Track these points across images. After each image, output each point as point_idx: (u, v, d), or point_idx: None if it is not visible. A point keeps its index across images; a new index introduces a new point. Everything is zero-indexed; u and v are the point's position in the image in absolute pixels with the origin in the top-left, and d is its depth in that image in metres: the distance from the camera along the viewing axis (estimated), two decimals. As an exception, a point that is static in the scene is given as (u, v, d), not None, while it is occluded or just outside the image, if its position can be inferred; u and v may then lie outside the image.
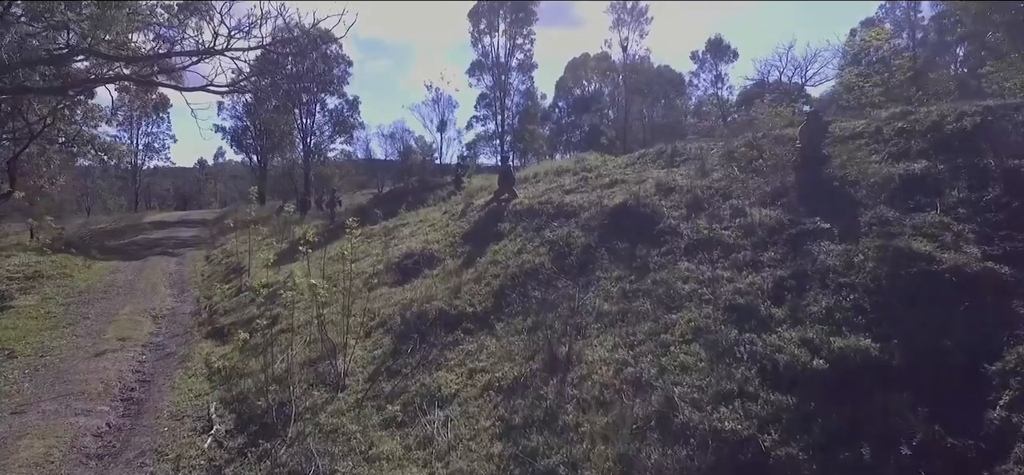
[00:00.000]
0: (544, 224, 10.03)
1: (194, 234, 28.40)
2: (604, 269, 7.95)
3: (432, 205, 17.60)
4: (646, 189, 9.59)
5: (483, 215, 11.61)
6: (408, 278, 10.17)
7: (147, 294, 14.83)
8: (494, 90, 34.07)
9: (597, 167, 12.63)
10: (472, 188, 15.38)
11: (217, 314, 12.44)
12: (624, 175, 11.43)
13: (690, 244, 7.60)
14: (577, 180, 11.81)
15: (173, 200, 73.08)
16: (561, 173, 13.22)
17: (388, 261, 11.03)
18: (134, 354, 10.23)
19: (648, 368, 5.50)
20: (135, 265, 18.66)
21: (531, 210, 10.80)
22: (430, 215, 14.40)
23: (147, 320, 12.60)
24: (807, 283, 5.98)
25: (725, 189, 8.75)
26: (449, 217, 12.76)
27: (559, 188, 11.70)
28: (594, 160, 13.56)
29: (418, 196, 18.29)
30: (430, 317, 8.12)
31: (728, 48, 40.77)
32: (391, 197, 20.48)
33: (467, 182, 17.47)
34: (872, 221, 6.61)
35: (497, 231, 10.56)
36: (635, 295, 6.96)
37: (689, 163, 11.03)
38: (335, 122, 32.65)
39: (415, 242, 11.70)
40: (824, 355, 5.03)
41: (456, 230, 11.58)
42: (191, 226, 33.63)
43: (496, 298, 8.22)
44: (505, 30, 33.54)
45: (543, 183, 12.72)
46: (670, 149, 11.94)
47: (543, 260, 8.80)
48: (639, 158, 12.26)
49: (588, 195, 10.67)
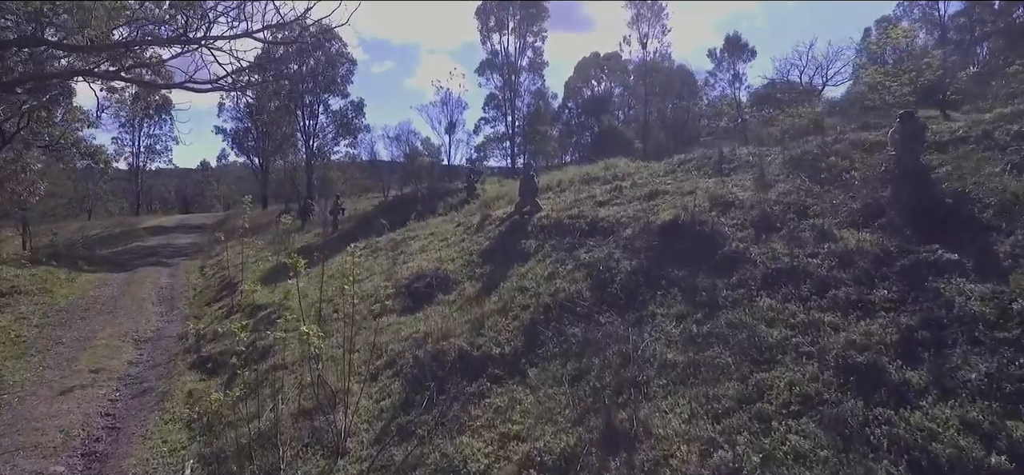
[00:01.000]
0: (577, 243, 8.66)
1: (191, 241, 27.18)
2: (659, 303, 6.58)
3: (443, 214, 16.24)
4: (698, 203, 8.21)
5: (504, 230, 10.26)
6: (420, 304, 8.82)
7: (132, 313, 13.56)
8: (504, 90, 32.73)
9: (630, 174, 11.26)
10: (487, 197, 14.02)
11: (205, 339, 11.14)
12: (664, 185, 10.06)
13: (768, 275, 6.21)
14: (610, 190, 10.43)
15: (175, 202, 72.15)
16: (590, 181, 11.86)
17: (396, 282, 9.69)
18: (106, 391, 8.93)
19: (747, 453, 4.12)
20: (123, 277, 17.41)
21: (560, 225, 9.44)
22: (442, 227, 13.06)
23: (128, 345, 11.32)
24: (947, 336, 4.59)
25: (798, 205, 7.36)
26: (464, 231, 11.41)
27: (590, 199, 10.34)
28: (626, 166, 12.19)
29: (427, 204, 16.95)
30: (448, 359, 6.77)
31: (746, 46, 39.29)
32: (398, 204, 19.15)
33: (481, 189, 16.11)
34: (1016, 252, 5.21)
35: (521, 250, 9.21)
36: (707, 341, 5.58)
37: (742, 172, 9.65)
38: (339, 124, 31.40)
39: (426, 260, 10.36)
40: (1002, 446, 3.65)
41: (473, 247, 10.22)
42: (189, 232, 32.43)
43: (527, 336, 6.87)
44: (515, 27, 32.21)
45: (570, 193, 11.38)
46: (716, 154, 10.54)
47: (580, 288, 7.44)
48: (680, 165, 10.88)
49: (625, 208, 9.30)
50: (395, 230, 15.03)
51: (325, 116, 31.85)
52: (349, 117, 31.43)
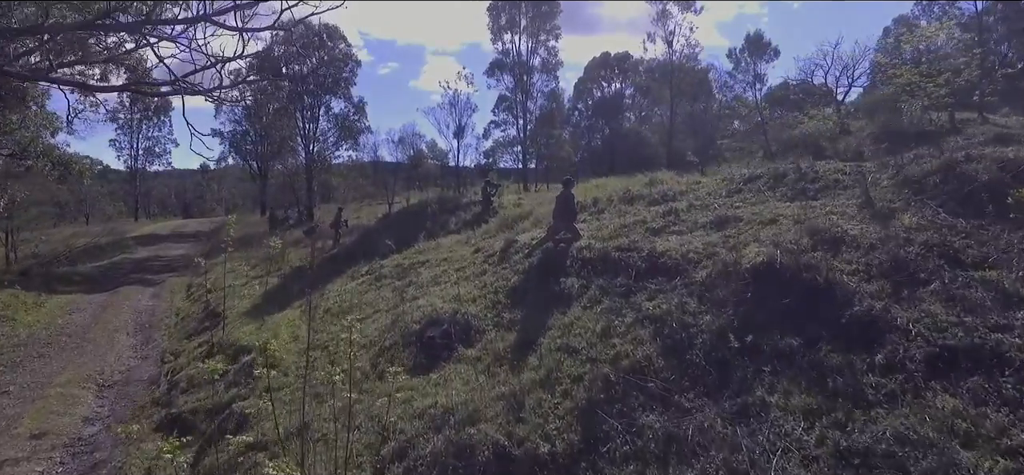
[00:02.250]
0: (634, 286, 6.88)
1: (183, 252, 25.50)
2: (768, 385, 4.79)
3: (456, 233, 14.48)
4: (794, 238, 6.42)
5: (535, 262, 8.49)
6: (435, 360, 7.06)
7: (101, 348, 11.85)
8: (515, 92, 30.95)
9: (682, 193, 9.46)
10: (507, 214, 12.24)
11: (178, 387, 9.41)
12: (732, 208, 8.26)
13: (934, 355, 4.42)
14: (662, 214, 8.63)
15: (176, 206, 70.66)
16: (632, 199, 10.06)
17: (405, 328, 7.93)
18: (45, 468, 7.20)
19: None
20: (101, 300, 15.73)
21: (607, 260, 7.66)
22: (457, 251, 11.31)
23: (88, 394, 9.59)
24: None
25: (943, 246, 5.56)
26: (484, 259, 9.64)
27: (640, 225, 8.55)
28: (673, 182, 10.38)
29: (438, 219, 15.21)
30: (479, 458, 5.01)
31: (768, 45, 37.47)
32: (404, 219, 17.40)
33: (497, 202, 14.34)
34: None
35: (561, 291, 7.43)
36: (869, 463, 3.80)
37: (833, 194, 7.85)
38: (340, 127, 29.71)
39: (441, 297, 8.59)
40: None
41: (498, 282, 8.45)
42: (183, 240, 30.77)
43: (584, 424, 5.10)
44: (527, 26, 30.46)
45: (611, 215, 9.60)
46: (792, 170, 8.73)
47: (648, 353, 5.66)
48: (747, 182, 9.07)
49: (689, 240, 7.52)
50: (402, 251, 13.27)
51: (326, 119, 30.17)
52: (351, 119, 29.73)
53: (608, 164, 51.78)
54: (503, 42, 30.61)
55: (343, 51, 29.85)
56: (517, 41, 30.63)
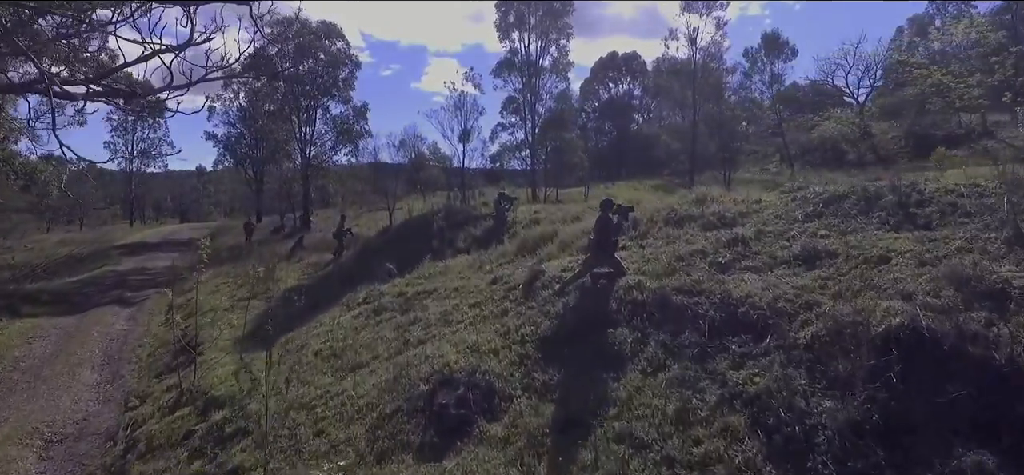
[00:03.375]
0: (709, 345, 5.28)
1: (172, 264, 23.94)
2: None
3: (465, 249, 12.87)
4: (931, 289, 4.81)
5: (570, 303, 6.88)
6: (449, 439, 5.46)
7: (59, 386, 10.27)
8: (524, 93, 29.34)
9: (745, 215, 7.84)
10: (527, 234, 10.63)
11: (136, 448, 7.83)
12: (818, 237, 6.65)
13: None
14: (727, 243, 7.00)
15: (172, 210, 69.15)
16: (681, 220, 8.40)
17: (410, 386, 6.33)
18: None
19: None
20: (70, 324, 14.13)
21: (665, 305, 6.05)
22: (468, 277, 9.71)
23: (29, 453, 8.01)
24: None
25: None
26: (505, 292, 8.03)
27: (699, 256, 6.93)
28: (728, 200, 8.72)
29: (445, 236, 13.60)
30: None
31: (785, 44, 35.92)
32: (408, 233, 15.78)
33: (512, 217, 12.74)
34: None
35: (609, 347, 5.83)
36: None
37: (955, 221, 6.23)
38: (339, 131, 28.11)
39: (453, 344, 6.99)
40: None
41: (523, 326, 6.84)
42: (173, 249, 29.15)
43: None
44: (536, 24, 28.87)
45: (659, 241, 7.96)
46: (890, 188, 7.10)
47: (751, 457, 4.07)
48: (828, 203, 7.40)
49: (773, 281, 5.91)
50: (404, 275, 11.68)
51: (323, 122, 28.57)
52: (350, 122, 28.12)
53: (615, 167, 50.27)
54: (511, 41, 29.09)
55: (341, 51, 28.30)
56: (526, 40, 29.06)
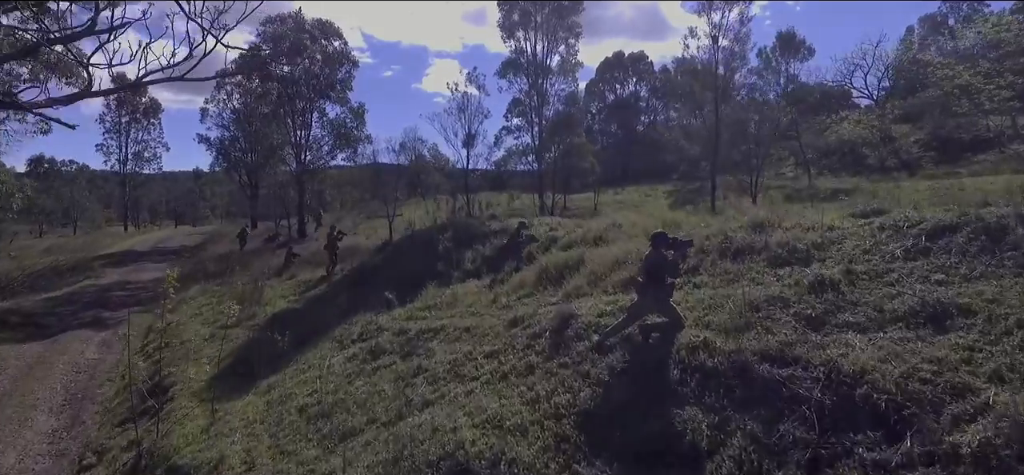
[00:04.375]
0: (823, 448, 3.88)
1: (158, 276, 22.49)
2: None
3: (473, 271, 11.46)
4: None
5: (616, 364, 5.47)
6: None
7: (3, 438, 8.86)
8: (530, 95, 27.88)
9: (819, 246, 6.39)
10: (550, 259, 9.20)
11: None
12: (930, 281, 5.25)
13: None
14: (810, 288, 5.57)
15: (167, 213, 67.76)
16: (740, 252, 6.95)
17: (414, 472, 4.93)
18: None
19: None
20: (33, 353, 12.72)
21: (746, 374, 4.66)
22: (481, 312, 8.31)
23: (-49, 535, 6.62)
24: None
25: None
26: (528, 339, 6.62)
27: (777, 305, 5.51)
28: (797, 226, 7.20)
29: (451, 254, 12.14)
30: None
31: (802, 44, 34.53)
32: (409, 249, 14.33)
33: (529, 248, 11.30)
34: None
35: (675, 433, 4.42)
36: None
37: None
38: (336, 134, 26.69)
39: (467, 413, 5.58)
40: None
41: (556, 391, 5.44)
42: (163, 258, 27.79)
43: None
44: (542, 22, 27.43)
45: (711, 278, 6.55)
46: (1015, 216, 5.68)
47: None
48: (931, 235, 5.94)
49: (894, 346, 4.50)
50: (406, 301, 10.28)
51: (320, 126, 27.14)
52: (348, 126, 26.70)
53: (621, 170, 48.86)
54: (516, 40, 27.64)
55: (338, 50, 26.86)
56: (533, 39, 27.58)
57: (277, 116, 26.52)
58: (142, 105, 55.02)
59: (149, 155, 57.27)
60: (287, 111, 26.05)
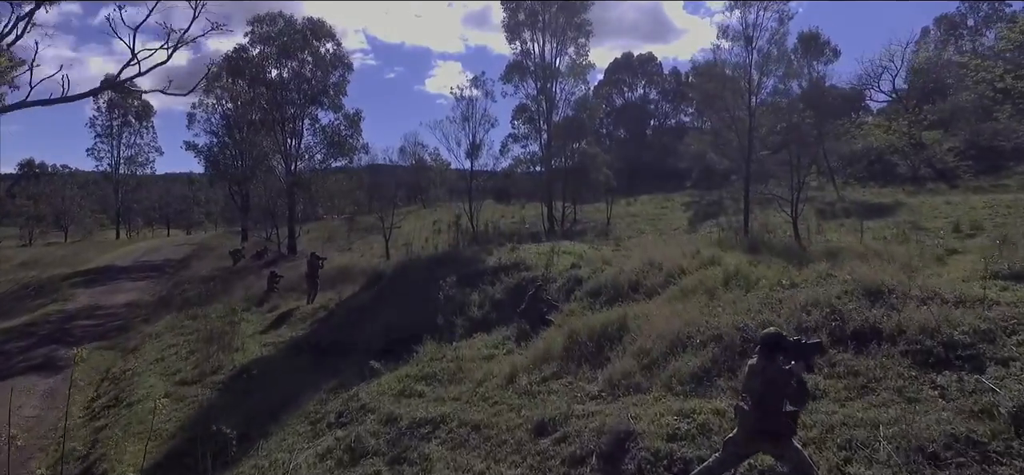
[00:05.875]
0: None
1: (134, 297, 20.59)
2: None
3: (481, 323, 9.47)
4: None
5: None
6: None
7: None
8: (538, 100, 25.92)
9: (986, 332, 4.49)
10: (581, 323, 7.18)
11: None
12: None
13: None
14: (956, 387, 3.67)
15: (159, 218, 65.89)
16: (863, 338, 4.99)
17: None
18: None
19: None
20: (-41, 410, 10.77)
21: None
22: (499, 411, 6.27)
23: None
24: None
25: None
26: (567, 466, 4.67)
27: (953, 447, 3.57)
28: (918, 285, 5.18)
29: (454, 299, 10.12)
30: None
31: (826, 45, 32.54)
32: (405, 285, 12.33)
33: (555, 294, 9.32)
34: None
35: None
36: None
37: None
38: (329, 142, 24.78)
39: None
40: None
41: None
42: (142, 274, 25.82)
43: None
44: (549, 22, 25.50)
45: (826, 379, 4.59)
46: None
47: None
48: None
49: None
50: (399, 360, 8.31)
51: (312, 134, 25.23)
52: (342, 134, 24.78)
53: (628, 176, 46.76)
54: (521, 42, 25.66)
55: (332, 52, 24.93)
56: (540, 40, 25.62)
57: (266, 123, 24.60)
58: (134, 108, 53.19)
59: (142, 159, 55.47)
60: (276, 118, 24.12)
